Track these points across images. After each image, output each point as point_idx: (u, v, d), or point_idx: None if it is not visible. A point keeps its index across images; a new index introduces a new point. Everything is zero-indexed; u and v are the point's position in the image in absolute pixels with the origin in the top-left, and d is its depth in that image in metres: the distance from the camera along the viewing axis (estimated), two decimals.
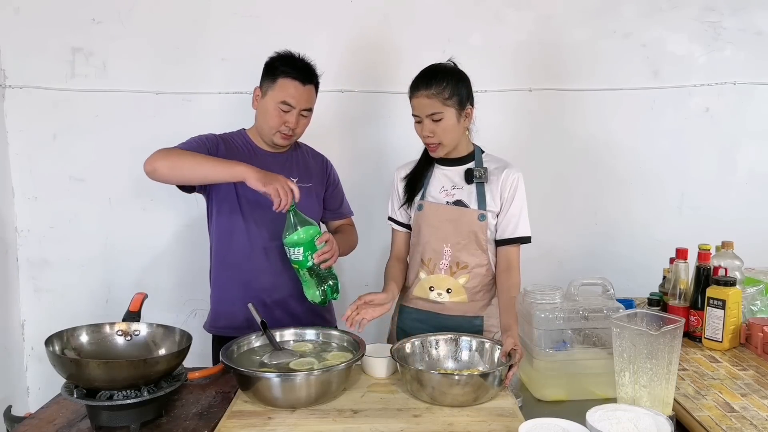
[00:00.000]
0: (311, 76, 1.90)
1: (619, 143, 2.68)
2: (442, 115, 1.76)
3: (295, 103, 1.86)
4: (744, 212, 2.66)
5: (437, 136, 1.79)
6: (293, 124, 1.88)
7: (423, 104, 1.77)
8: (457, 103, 1.77)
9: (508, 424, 1.38)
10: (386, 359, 1.63)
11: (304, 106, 1.89)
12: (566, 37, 2.62)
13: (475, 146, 1.91)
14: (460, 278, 1.85)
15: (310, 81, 1.88)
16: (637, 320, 1.45)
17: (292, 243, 1.74)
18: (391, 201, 1.98)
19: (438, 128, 1.78)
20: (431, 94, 1.75)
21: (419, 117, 1.80)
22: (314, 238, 1.75)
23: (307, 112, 1.91)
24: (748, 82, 2.65)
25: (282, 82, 1.86)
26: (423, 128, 1.80)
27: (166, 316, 2.56)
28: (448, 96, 1.76)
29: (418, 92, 1.78)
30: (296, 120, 1.89)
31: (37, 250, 2.60)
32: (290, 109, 1.87)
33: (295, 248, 1.74)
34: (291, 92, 1.85)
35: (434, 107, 1.76)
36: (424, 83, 1.77)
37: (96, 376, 1.35)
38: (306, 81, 1.87)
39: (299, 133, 1.95)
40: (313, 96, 1.91)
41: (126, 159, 2.57)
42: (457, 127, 1.80)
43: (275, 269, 1.92)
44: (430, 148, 1.84)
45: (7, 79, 2.50)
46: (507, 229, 1.84)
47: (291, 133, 1.91)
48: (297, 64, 1.89)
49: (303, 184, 1.93)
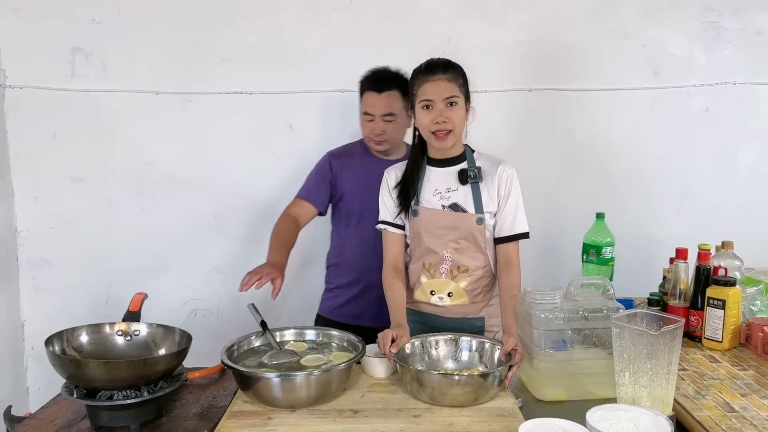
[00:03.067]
0: (388, 82, 2.07)
1: (619, 143, 2.68)
2: (459, 100, 1.74)
3: (374, 111, 2.06)
4: (744, 212, 2.66)
5: (451, 122, 1.73)
6: (379, 130, 2.07)
7: (441, 87, 1.73)
8: (466, 95, 1.78)
9: (508, 424, 1.38)
10: (386, 359, 1.63)
11: (383, 112, 2.06)
12: (566, 37, 2.62)
13: (465, 146, 1.87)
14: (461, 282, 1.84)
15: (387, 88, 2.06)
16: (637, 320, 1.45)
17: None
18: (383, 204, 1.89)
19: (453, 114, 1.73)
20: (450, 77, 1.74)
21: (432, 102, 1.73)
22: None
23: (390, 116, 2.07)
24: (748, 82, 2.65)
25: (364, 96, 2.11)
26: (435, 114, 1.73)
27: (166, 316, 2.56)
28: (462, 83, 1.76)
29: (435, 75, 1.74)
30: (380, 126, 2.06)
31: (37, 250, 2.60)
32: (372, 118, 2.07)
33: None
34: (369, 103, 2.08)
35: (453, 90, 1.73)
36: (442, 68, 1.75)
37: (96, 376, 1.35)
38: (381, 89, 2.06)
39: (392, 137, 2.10)
40: (390, 101, 2.06)
41: (126, 159, 2.57)
42: (464, 119, 1.78)
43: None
44: (439, 137, 1.75)
45: (7, 79, 2.50)
46: (504, 227, 1.82)
47: (381, 139, 2.09)
48: (372, 76, 2.11)
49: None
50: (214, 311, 2.65)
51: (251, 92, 2.55)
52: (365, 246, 2.11)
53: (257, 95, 2.56)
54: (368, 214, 2.01)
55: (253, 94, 2.55)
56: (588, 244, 2.09)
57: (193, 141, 2.58)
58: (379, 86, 2.07)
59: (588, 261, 2.09)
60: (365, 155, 2.18)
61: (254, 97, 2.55)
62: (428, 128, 1.76)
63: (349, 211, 2.17)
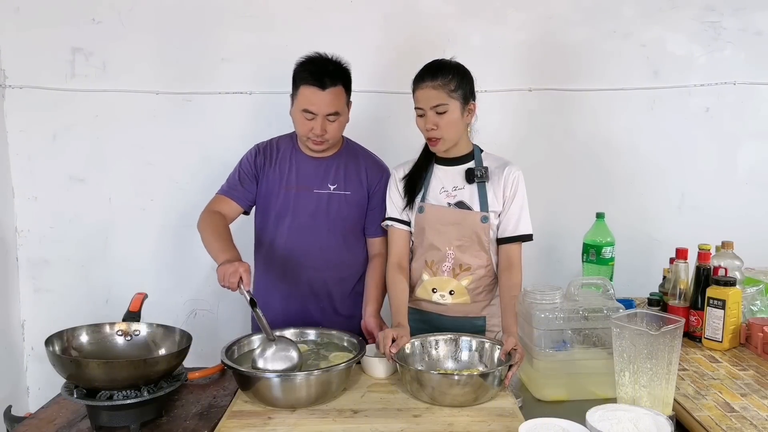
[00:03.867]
0: (332, 78, 1.81)
1: (619, 143, 2.67)
2: (447, 107, 1.75)
3: (316, 110, 1.80)
4: (744, 212, 2.66)
5: (440, 129, 1.76)
6: (319, 130, 1.82)
7: (428, 95, 1.75)
8: (462, 97, 1.77)
9: (508, 424, 1.38)
10: (385, 359, 1.63)
11: (327, 111, 1.81)
12: (566, 37, 2.62)
13: (474, 146, 1.90)
14: (463, 280, 1.85)
15: (331, 84, 1.80)
16: (637, 320, 1.45)
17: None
18: (390, 201, 1.93)
19: (442, 121, 1.75)
20: (437, 85, 1.74)
21: (422, 110, 1.77)
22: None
23: (333, 116, 1.83)
24: (748, 82, 2.65)
25: (302, 90, 1.81)
26: (426, 121, 1.77)
27: (166, 316, 2.56)
28: (454, 88, 1.75)
29: (423, 83, 1.76)
30: (322, 126, 1.82)
31: (37, 250, 2.60)
32: (313, 117, 1.82)
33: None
34: (310, 99, 1.80)
35: (439, 98, 1.74)
36: (430, 75, 1.76)
37: (96, 376, 1.35)
38: (325, 85, 1.79)
39: (334, 137, 1.88)
40: (335, 99, 1.82)
41: (126, 159, 2.57)
42: (460, 122, 1.78)
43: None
44: (430, 143, 1.81)
45: (7, 79, 2.50)
46: (508, 227, 1.83)
47: (322, 140, 1.86)
48: (314, 68, 1.81)
49: (340, 192, 1.94)
50: (214, 311, 2.65)
51: (251, 92, 2.55)
52: (287, 251, 1.96)
53: (257, 95, 2.56)
54: (289, 216, 1.93)
55: (253, 94, 2.55)
56: (588, 244, 2.09)
57: (193, 141, 2.58)
58: (322, 82, 1.79)
59: (588, 261, 2.09)
60: (293, 151, 1.97)
61: (254, 97, 2.55)
62: (424, 135, 1.82)
63: (270, 211, 1.97)
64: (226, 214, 1.93)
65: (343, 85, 1.85)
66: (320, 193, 1.95)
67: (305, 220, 1.94)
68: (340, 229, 1.97)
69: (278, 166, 1.96)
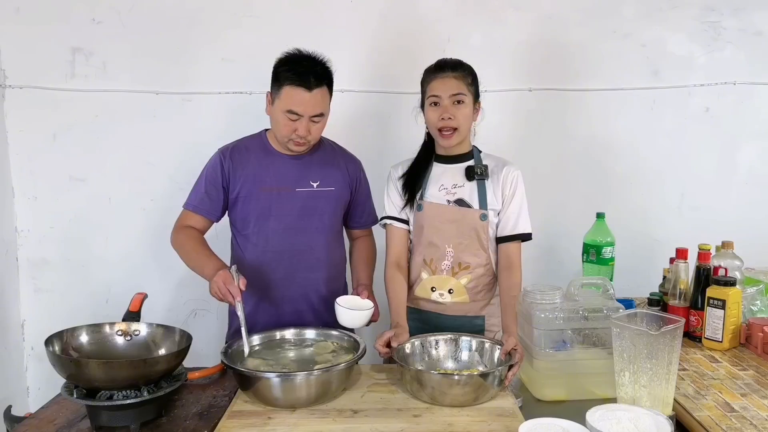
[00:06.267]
0: (319, 79, 1.77)
1: (619, 143, 2.68)
2: (465, 98, 1.77)
3: (302, 111, 1.76)
4: (744, 212, 2.66)
5: (457, 119, 1.76)
6: (303, 132, 1.79)
7: (449, 84, 1.76)
8: (474, 94, 1.80)
9: (508, 424, 1.38)
10: (357, 311, 1.69)
11: (313, 113, 1.78)
12: (566, 37, 2.62)
13: (473, 146, 1.91)
14: (462, 279, 1.85)
15: (317, 85, 1.76)
16: (637, 320, 1.45)
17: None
18: (388, 199, 1.92)
19: (459, 112, 1.77)
20: (458, 75, 1.77)
21: (439, 98, 1.77)
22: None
23: (318, 117, 1.80)
24: (748, 82, 2.65)
25: (287, 91, 1.76)
26: (442, 110, 1.76)
27: (166, 316, 2.57)
28: (471, 82, 1.79)
29: (443, 72, 1.78)
30: (306, 128, 1.79)
31: (37, 250, 2.60)
32: (298, 118, 1.77)
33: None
34: (296, 100, 1.75)
35: (460, 88, 1.76)
36: (451, 66, 1.79)
37: (96, 376, 1.35)
38: (312, 86, 1.75)
39: (315, 137, 1.85)
40: (321, 100, 1.79)
41: (126, 159, 2.57)
42: (471, 118, 1.81)
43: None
44: (444, 134, 1.79)
45: (7, 79, 2.50)
46: (507, 226, 1.83)
47: (304, 141, 1.82)
48: (300, 68, 1.76)
49: (323, 189, 1.91)
50: (214, 311, 2.65)
51: (251, 92, 2.54)
52: (275, 253, 1.90)
53: (257, 95, 2.56)
54: (273, 217, 1.88)
55: (253, 94, 2.55)
56: (588, 244, 2.09)
57: (193, 141, 2.57)
58: (309, 83, 1.75)
59: (588, 261, 2.09)
60: (265, 151, 1.91)
61: (254, 97, 2.55)
62: (435, 125, 1.80)
63: (245, 216, 1.91)
64: (198, 229, 1.92)
65: (327, 85, 1.82)
66: (303, 192, 1.89)
67: (292, 220, 1.89)
68: (328, 226, 1.94)
69: (251, 167, 1.89)
